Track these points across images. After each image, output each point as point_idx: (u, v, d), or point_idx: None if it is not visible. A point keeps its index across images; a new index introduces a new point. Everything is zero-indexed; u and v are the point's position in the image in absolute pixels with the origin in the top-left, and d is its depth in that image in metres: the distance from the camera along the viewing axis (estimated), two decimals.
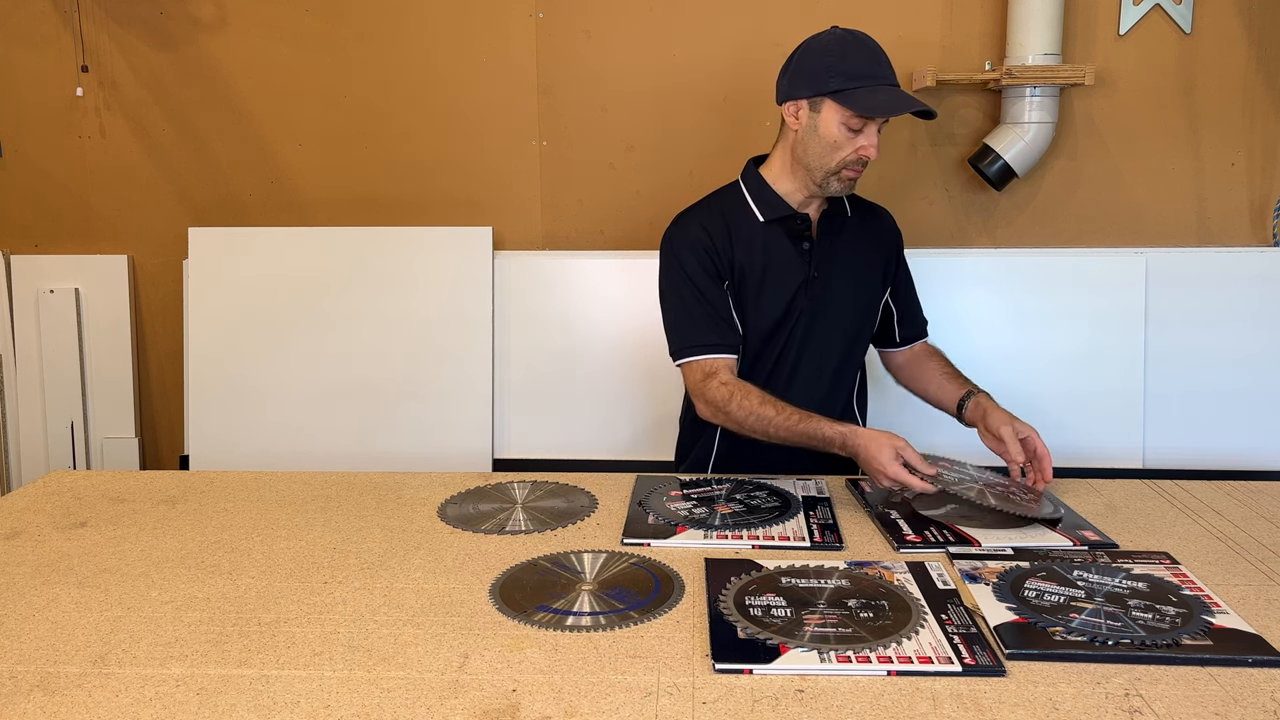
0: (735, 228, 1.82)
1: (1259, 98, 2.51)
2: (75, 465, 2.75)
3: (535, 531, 1.49)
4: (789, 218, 1.82)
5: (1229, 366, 2.49)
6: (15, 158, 2.71)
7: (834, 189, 1.77)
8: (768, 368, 1.85)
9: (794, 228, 1.82)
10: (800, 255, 1.82)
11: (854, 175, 1.76)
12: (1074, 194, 2.57)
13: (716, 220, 1.82)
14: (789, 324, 1.83)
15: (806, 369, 1.86)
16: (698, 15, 2.54)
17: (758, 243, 1.81)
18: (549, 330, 2.60)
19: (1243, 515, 1.56)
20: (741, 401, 1.71)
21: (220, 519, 1.55)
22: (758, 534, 1.46)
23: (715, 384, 1.75)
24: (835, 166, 1.74)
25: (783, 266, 1.81)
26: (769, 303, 1.81)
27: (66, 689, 1.05)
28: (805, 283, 1.81)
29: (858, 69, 1.70)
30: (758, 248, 1.81)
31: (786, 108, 1.78)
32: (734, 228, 1.82)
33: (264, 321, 2.61)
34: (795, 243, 1.82)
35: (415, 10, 2.58)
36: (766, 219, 1.82)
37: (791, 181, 1.82)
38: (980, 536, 1.45)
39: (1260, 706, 1.00)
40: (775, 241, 1.82)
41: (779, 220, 1.82)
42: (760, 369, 1.85)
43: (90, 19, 2.62)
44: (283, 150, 2.67)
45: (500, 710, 1.00)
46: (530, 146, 2.63)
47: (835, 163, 1.73)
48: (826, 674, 1.06)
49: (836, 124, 1.71)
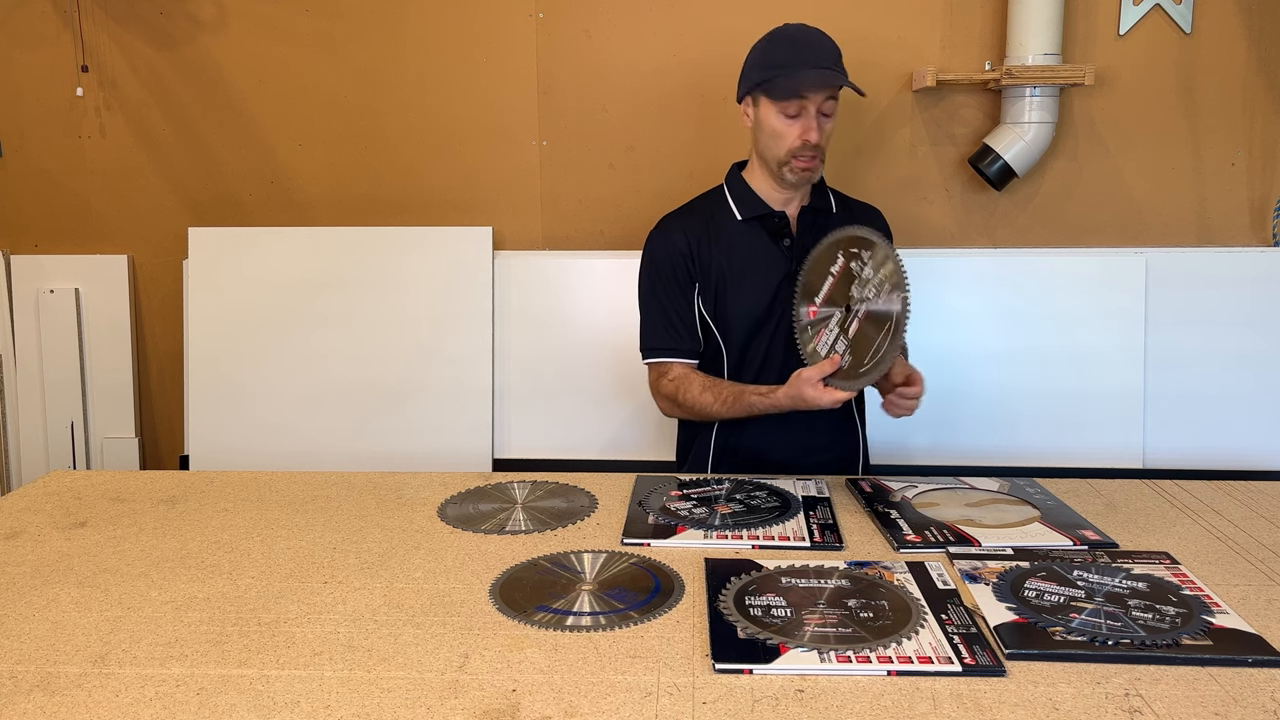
0: (716, 228, 1.90)
1: (1259, 98, 2.51)
2: (75, 465, 2.75)
3: (535, 531, 1.49)
4: (766, 215, 1.88)
5: (1229, 366, 2.49)
6: (15, 158, 2.70)
7: (790, 179, 1.83)
8: (756, 361, 1.90)
9: (772, 225, 1.88)
10: (781, 251, 1.88)
11: (806, 164, 1.80)
12: (1074, 194, 2.57)
13: (696, 222, 1.91)
14: (773, 318, 1.88)
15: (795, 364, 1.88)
16: (698, 15, 2.54)
17: (737, 241, 1.89)
18: (549, 330, 2.60)
19: (1243, 515, 1.56)
20: (685, 392, 1.86)
21: (220, 519, 1.55)
22: (758, 534, 1.46)
23: (665, 381, 1.90)
24: (784, 155, 1.80)
25: (763, 263, 1.87)
26: (751, 298, 1.87)
27: (66, 689, 1.05)
28: (787, 277, 1.85)
29: (777, 59, 1.79)
30: (737, 246, 1.88)
31: (741, 108, 1.88)
32: (714, 228, 1.90)
33: (264, 321, 2.61)
34: (775, 240, 1.88)
35: (415, 10, 2.58)
36: (744, 217, 1.89)
37: (763, 180, 1.89)
38: (980, 536, 1.45)
39: (1260, 706, 1.00)
40: (755, 239, 1.89)
41: (757, 218, 1.89)
42: (749, 363, 1.90)
43: (90, 19, 2.62)
44: (283, 150, 2.67)
45: (500, 710, 1.00)
46: (530, 146, 2.63)
47: (784, 152, 1.80)
48: (826, 674, 1.06)
49: (773, 114, 1.80)
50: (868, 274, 1.60)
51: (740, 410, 1.79)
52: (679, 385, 1.86)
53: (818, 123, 1.78)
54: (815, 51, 1.78)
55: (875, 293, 1.59)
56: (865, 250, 1.62)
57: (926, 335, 2.51)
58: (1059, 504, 1.60)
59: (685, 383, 1.86)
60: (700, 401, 1.83)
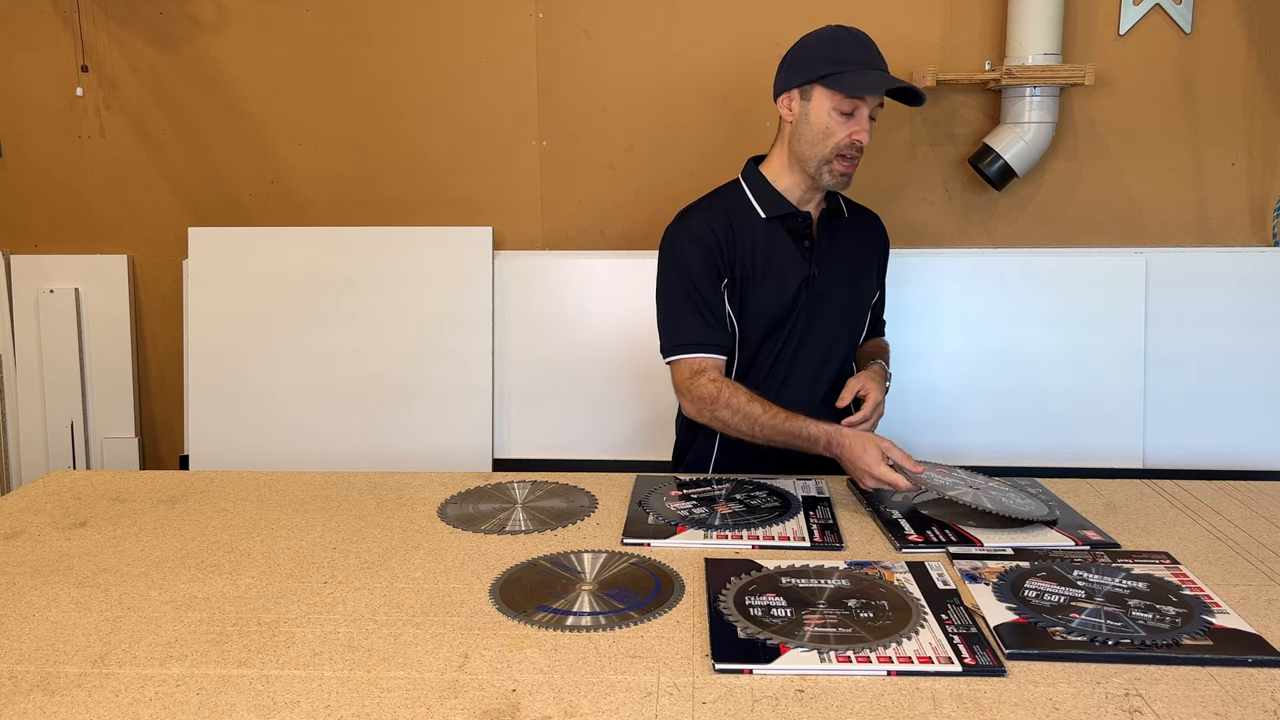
0: (738, 225, 1.82)
1: (1259, 98, 2.51)
2: (75, 465, 2.75)
3: (535, 531, 1.49)
4: (790, 215, 1.83)
5: (1229, 366, 2.49)
6: (15, 158, 2.71)
7: (827, 181, 1.78)
8: (767, 364, 1.86)
9: (795, 225, 1.83)
10: (801, 253, 1.83)
11: (847, 167, 1.76)
12: (1074, 194, 2.57)
13: (719, 217, 1.83)
14: (790, 320, 1.84)
15: (803, 366, 1.87)
16: (698, 15, 2.54)
17: (760, 239, 1.82)
18: (549, 330, 2.60)
19: (1243, 515, 1.56)
20: (730, 398, 1.72)
21: (220, 519, 1.55)
22: (758, 534, 1.46)
23: (704, 380, 1.76)
24: (829, 154, 1.75)
25: (785, 263, 1.82)
26: (771, 299, 1.82)
27: (66, 689, 1.05)
28: (806, 280, 1.82)
29: (846, 55, 1.74)
30: (760, 244, 1.82)
31: (781, 101, 1.81)
32: (736, 225, 1.82)
33: (264, 321, 2.61)
34: (796, 240, 1.84)
35: (415, 10, 2.58)
36: (768, 216, 1.83)
37: (790, 178, 1.83)
38: (982, 536, 1.45)
39: (1260, 706, 1.00)
40: (777, 238, 1.83)
41: (780, 218, 1.83)
42: (759, 365, 1.86)
43: (90, 19, 2.62)
44: (283, 150, 2.67)
45: (500, 710, 1.00)
46: (530, 146, 2.63)
47: (829, 149, 1.75)
48: (826, 674, 1.06)
49: (827, 109, 1.73)
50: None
51: (786, 432, 1.67)
52: (723, 390, 1.72)
53: (869, 126, 1.74)
54: (878, 54, 1.76)
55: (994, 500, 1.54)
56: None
57: (926, 335, 2.52)
58: (1060, 504, 1.60)
59: (732, 390, 1.72)
60: (746, 411, 1.70)
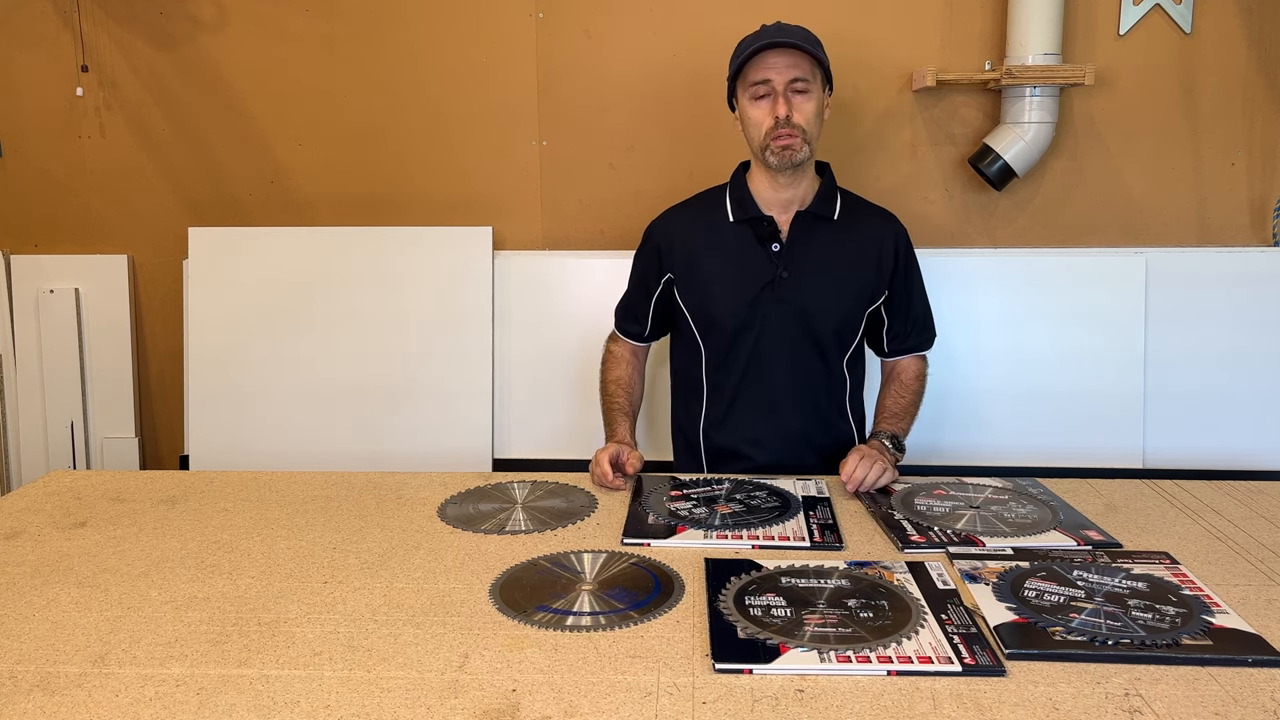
0: (707, 225, 1.94)
1: (1259, 98, 2.51)
2: (75, 465, 2.75)
3: (535, 531, 1.49)
4: (755, 219, 1.90)
5: (1229, 366, 2.49)
6: (15, 158, 2.70)
7: (772, 162, 1.84)
8: (741, 365, 1.91)
9: (760, 229, 1.89)
10: (768, 256, 1.88)
11: (784, 141, 1.81)
12: (1074, 194, 2.57)
13: (686, 218, 1.98)
14: (755, 323, 1.89)
15: (780, 370, 1.90)
16: (698, 15, 2.54)
17: (727, 242, 1.91)
18: (549, 330, 2.60)
19: (1243, 515, 1.56)
20: (604, 369, 2.08)
21: (220, 519, 1.55)
22: (758, 534, 1.46)
23: (610, 347, 2.11)
24: (764, 139, 1.83)
25: (748, 266, 1.89)
26: (732, 300, 1.89)
27: (66, 689, 1.05)
28: (771, 283, 1.86)
29: (744, 45, 1.85)
30: (726, 246, 1.91)
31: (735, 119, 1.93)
32: (707, 226, 1.94)
33: (264, 321, 2.61)
34: (764, 244, 1.89)
35: (415, 10, 2.58)
36: (736, 219, 1.92)
37: (760, 180, 1.92)
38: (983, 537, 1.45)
39: (1260, 706, 1.00)
40: (744, 241, 1.90)
41: (747, 221, 1.91)
42: (732, 367, 1.90)
43: (90, 19, 2.62)
44: (283, 150, 2.67)
45: (500, 710, 1.00)
46: (530, 146, 2.63)
47: (763, 135, 1.83)
48: (826, 674, 1.06)
49: (746, 102, 1.84)
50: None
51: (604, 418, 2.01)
52: (608, 359, 2.09)
53: (787, 98, 1.80)
54: (775, 32, 1.82)
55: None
56: None
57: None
58: (1061, 503, 1.60)
59: (613, 361, 2.07)
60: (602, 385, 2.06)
